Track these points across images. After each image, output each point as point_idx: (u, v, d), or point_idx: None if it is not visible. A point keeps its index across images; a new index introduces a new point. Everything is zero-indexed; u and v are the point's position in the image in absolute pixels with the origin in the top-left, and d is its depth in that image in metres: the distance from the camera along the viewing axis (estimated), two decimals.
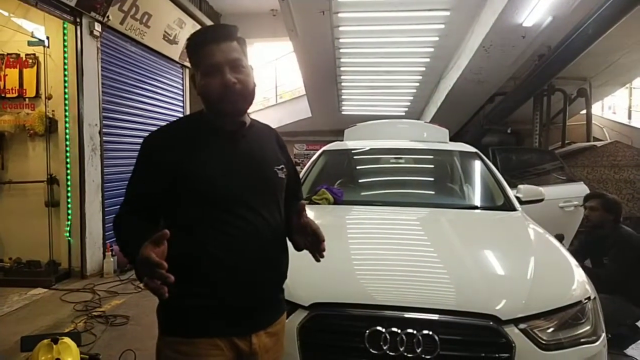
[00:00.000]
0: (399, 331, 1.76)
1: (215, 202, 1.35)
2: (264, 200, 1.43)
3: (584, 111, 8.89)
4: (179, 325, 1.36)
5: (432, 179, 3.97)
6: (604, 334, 1.95)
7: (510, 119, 8.76)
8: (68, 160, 5.33)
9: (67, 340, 2.90)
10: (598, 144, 7.83)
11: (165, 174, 1.34)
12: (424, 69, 7.86)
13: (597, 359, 1.88)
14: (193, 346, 1.34)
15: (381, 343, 1.76)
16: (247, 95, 1.40)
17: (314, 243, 1.43)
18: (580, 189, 5.64)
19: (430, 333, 1.75)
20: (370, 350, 1.76)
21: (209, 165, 1.37)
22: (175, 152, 1.37)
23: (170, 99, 7.61)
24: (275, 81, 12.20)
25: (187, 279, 1.33)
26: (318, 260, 1.46)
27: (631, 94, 9.60)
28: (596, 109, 9.51)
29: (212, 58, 1.36)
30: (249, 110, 1.49)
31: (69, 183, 5.34)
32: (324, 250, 1.44)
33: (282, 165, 1.52)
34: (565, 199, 5.23)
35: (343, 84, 9.00)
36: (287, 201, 1.55)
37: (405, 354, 1.74)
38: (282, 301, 1.56)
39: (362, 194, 3.71)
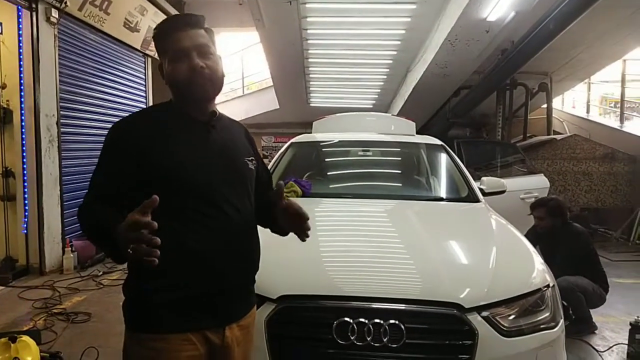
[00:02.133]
0: (366, 321, 1.78)
1: (186, 192, 1.32)
2: (236, 191, 1.42)
3: (545, 105, 9.17)
4: (150, 321, 1.32)
5: (399, 171, 4.03)
6: (562, 320, 2.04)
7: (474, 113, 8.95)
8: (24, 152, 5.11)
9: (26, 338, 2.82)
10: (558, 137, 8.11)
11: (133, 161, 1.30)
12: (391, 61, 7.91)
13: (556, 344, 1.95)
14: (165, 342, 1.31)
15: (349, 333, 1.78)
16: (215, 80, 1.38)
17: (298, 223, 1.43)
18: (540, 181, 5.85)
19: (397, 322, 1.78)
20: (338, 340, 1.78)
21: (179, 154, 1.33)
22: (144, 140, 1.33)
23: (131, 89, 7.39)
24: (242, 72, 12.04)
25: (157, 272, 1.28)
26: (303, 240, 1.46)
27: (589, 88, 9.94)
28: (556, 103, 9.82)
29: (179, 43, 1.34)
30: (216, 102, 1.47)
31: (25, 176, 5.12)
32: (308, 229, 1.44)
33: (252, 157, 1.52)
34: (526, 190, 5.41)
35: (311, 75, 8.96)
36: (260, 194, 1.54)
37: (372, 343, 1.76)
38: (253, 293, 1.55)
39: (330, 186, 3.72)
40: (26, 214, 5.15)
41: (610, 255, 6.25)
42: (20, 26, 5.01)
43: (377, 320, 1.78)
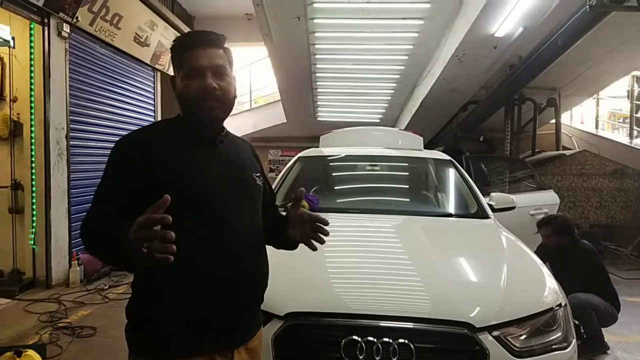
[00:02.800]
0: (375, 340, 1.75)
1: (193, 208, 1.28)
2: (244, 207, 1.40)
3: (553, 120, 9.13)
4: (157, 346, 1.28)
5: (407, 186, 4.00)
6: (574, 340, 1.99)
7: (483, 127, 8.92)
8: (33, 165, 5.15)
9: (31, 352, 2.81)
10: (567, 152, 8.05)
11: (139, 175, 1.26)
12: (398, 76, 7.93)
13: None
14: None
15: (357, 352, 1.74)
16: (225, 102, 1.36)
17: (314, 230, 1.41)
18: (550, 197, 5.78)
19: (406, 341, 1.74)
20: (346, 359, 1.73)
21: (186, 169, 1.31)
22: (150, 154, 1.30)
23: (140, 103, 7.46)
24: (249, 86, 12.13)
25: (164, 294, 1.27)
26: (315, 249, 1.45)
27: (598, 104, 9.90)
28: (565, 118, 9.78)
29: (196, 61, 1.33)
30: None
31: (34, 189, 5.15)
32: (327, 234, 1.43)
33: (259, 174, 1.50)
34: (536, 206, 5.35)
35: (319, 90, 9.00)
36: (264, 212, 1.52)
37: None
38: (261, 315, 1.52)
39: (338, 201, 3.70)
40: (34, 226, 5.16)
41: (622, 273, 6.15)
42: (32, 41, 5.09)
43: (386, 339, 1.74)
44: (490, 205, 3.33)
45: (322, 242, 1.44)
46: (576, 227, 4.04)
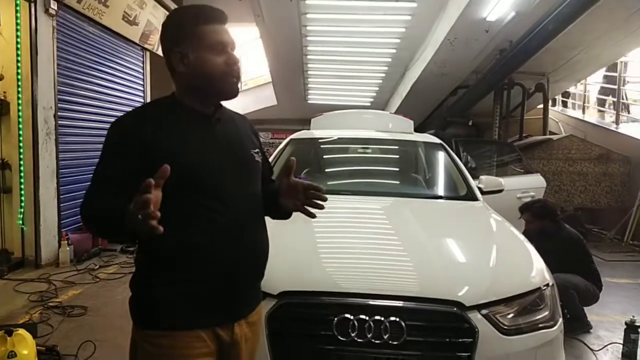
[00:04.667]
0: (367, 318, 1.79)
1: (192, 186, 1.30)
2: (243, 183, 1.40)
3: (541, 105, 9.21)
4: (159, 318, 1.30)
5: (397, 169, 4.04)
6: (560, 319, 2.05)
7: (472, 112, 8.97)
8: (21, 144, 5.06)
9: (22, 331, 2.80)
10: (554, 137, 8.15)
11: (138, 155, 1.26)
12: (390, 59, 7.92)
13: (555, 343, 1.97)
14: (175, 339, 1.29)
15: (349, 330, 1.78)
16: (240, 79, 1.40)
17: (309, 197, 1.42)
18: (537, 181, 5.87)
19: (397, 319, 1.78)
20: (339, 337, 1.78)
21: (188, 147, 1.31)
22: (150, 133, 1.29)
23: (129, 83, 7.35)
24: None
25: (167, 268, 1.30)
26: (313, 217, 1.44)
27: (585, 89, 9.98)
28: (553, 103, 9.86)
29: (219, 35, 1.34)
30: None
31: (22, 168, 5.08)
32: (325, 200, 1.43)
33: (258, 150, 1.51)
34: (523, 189, 5.43)
35: (310, 72, 8.95)
36: (262, 185, 1.52)
37: (373, 340, 1.76)
38: (260, 289, 1.54)
39: (329, 183, 3.71)
40: (22, 206, 5.12)
41: (605, 255, 6.29)
42: (18, 18, 4.95)
43: (377, 317, 1.78)
44: (479, 188, 3.38)
45: (320, 207, 1.44)
46: (560, 211, 4.10)
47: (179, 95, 1.40)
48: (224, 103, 1.47)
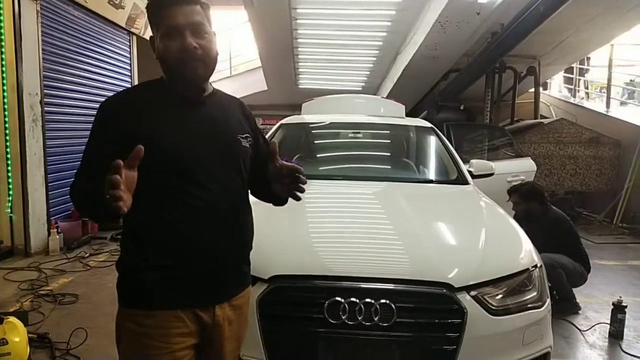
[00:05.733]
0: (358, 301, 1.79)
1: (174, 170, 1.30)
2: (224, 168, 1.39)
3: (532, 89, 9.21)
4: (140, 298, 1.33)
5: (388, 153, 4.03)
6: (548, 300, 2.08)
7: (463, 96, 8.95)
8: (7, 132, 4.99)
9: (13, 319, 2.79)
10: (545, 121, 8.17)
11: (121, 137, 1.26)
12: (381, 43, 7.85)
13: (542, 323, 2.00)
14: (154, 318, 1.31)
15: (340, 313, 1.79)
16: (208, 62, 1.35)
17: (294, 180, 1.38)
18: (527, 164, 5.90)
19: (388, 302, 1.79)
20: (330, 320, 1.79)
21: (168, 131, 1.32)
22: (133, 116, 1.31)
23: (116, 67, 7.26)
24: (229, 52, 11.85)
25: (147, 250, 1.31)
26: (299, 199, 1.42)
27: (574, 72, 9.98)
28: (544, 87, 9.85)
29: (173, 20, 1.30)
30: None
31: (8, 156, 5.02)
32: (304, 182, 1.39)
33: (247, 134, 1.48)
34: (514, 173, 5.46)
35: (300, 56, 8.86)
36: (262, 168, 1.46)
37: (363, 322, 1.78)
38: (248, 275, 1.53)
39: (320, 168, 3.71)
40: (10, 194, 5.06)
41: (594, 238, 6.37)
42: (1, 2, 4.84)
43: (368, 300, 1.79)
44: (469, 172, 3.39)
45: (302, 190, 1.40)
46: (550, 194, 4.13)
47: (165, 78, 1.41)
48: (218, 86, 1.44)
